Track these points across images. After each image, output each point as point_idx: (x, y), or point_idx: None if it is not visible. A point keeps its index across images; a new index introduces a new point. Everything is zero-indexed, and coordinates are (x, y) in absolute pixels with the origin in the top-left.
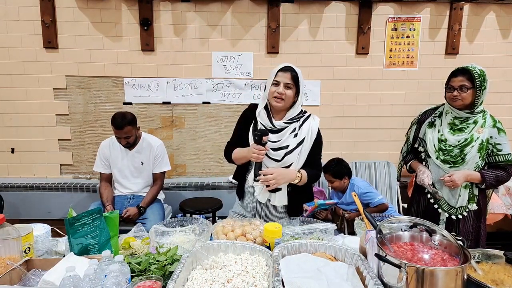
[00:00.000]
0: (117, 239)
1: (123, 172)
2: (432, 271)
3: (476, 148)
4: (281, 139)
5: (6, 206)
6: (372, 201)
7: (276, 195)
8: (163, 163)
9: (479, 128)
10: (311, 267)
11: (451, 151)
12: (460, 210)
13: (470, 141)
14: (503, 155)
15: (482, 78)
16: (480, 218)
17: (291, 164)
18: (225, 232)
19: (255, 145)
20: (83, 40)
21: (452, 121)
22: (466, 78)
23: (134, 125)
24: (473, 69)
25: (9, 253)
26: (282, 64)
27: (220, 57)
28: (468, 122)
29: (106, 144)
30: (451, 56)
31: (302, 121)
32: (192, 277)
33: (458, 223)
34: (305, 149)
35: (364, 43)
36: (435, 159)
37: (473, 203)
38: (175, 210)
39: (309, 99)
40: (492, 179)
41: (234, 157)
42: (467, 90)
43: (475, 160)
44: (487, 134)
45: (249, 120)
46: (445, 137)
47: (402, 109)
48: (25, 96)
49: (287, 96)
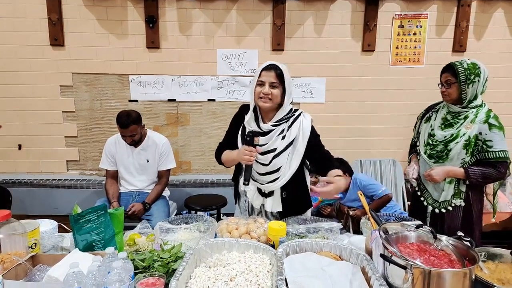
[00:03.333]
0: (121, 235)
1: (129, 169)
2: (439, 273)
3: (461, 144)
4: (268, 142)
5: (14, 202)
6: (376, 192)
7: (268, 200)
8: (168, 160)
9: (468, 124)
10: (315, 266)
11: (436, 146)
12: (444, 204)
13: (455, 137)
14: (493, 152)
15: (468, 72)
16: (470, 215)
17: (280, 168)
18: (230, 230)
19: (246, 146)
20: (89, 38)
21: (445, 115)
22: (450, 74)
23: (139, 123)
24: (459, 64)
25: (15, 249)
26: (266, 63)
27: (225, 54)
28: (459, 117)
29: (112, 142)
30: (458, 54)
31: (291, 122)
32: (195, 274)
33: (443, 217)
34: (299, 150)
35: (370, 40)
36: (423, 153)
37: (458, 198)
38: (180, 207)
39: (314, 96)
40: (478, 176)
41: (223, 159)
42: (451, 85)
43: (461, 157)
44: (475, 130)
45: (239, 123)
46: (434, 132)
47: (408, 106)
48: (32, 93)
49: (273, 95)
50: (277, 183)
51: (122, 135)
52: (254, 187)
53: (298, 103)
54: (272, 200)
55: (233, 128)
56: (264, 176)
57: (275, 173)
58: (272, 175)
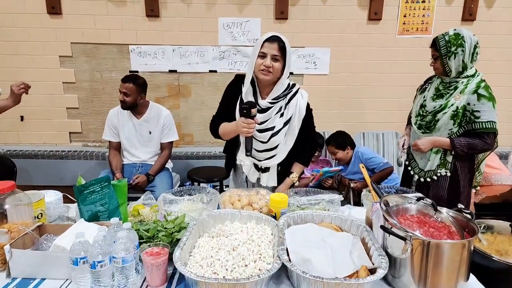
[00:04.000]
0: (125, 206)
1: (131, 141)
2: (437, 244)
3: (448, 115)
4: (267, 120)
5: (19, 173)
6: (377, 165)
7: (264, 175)
8: (171, 133)
9: (457, 95)
10: (316, 237)
11: (426, 117)
12: (429, 174)
13: (443, 108)
14: (480, 123)
15: (449, 44)
16: (457, 186)
17: (278, 145)
18: (232, 201)
19: (243, 118)
20: (87, 6)
21: (438, 86)
22: (434, 48)
23: (140, 88)
24: (442, 37)
25: (22, 219)
26: (268, 34)
27: (226, 23)
28: (450, 87)
29: (114, 113)
30: (467, 23)
31: (288, 99)
32: (198, 244)
33: (428, 186)
34: (293, 128)
35: (377, 8)
36: (413, 124)
37: (443, 168)
38: (183, 179)
39: (318, 67)
40: (463, 146)
41: (222, 132)
42: (437, 59)
43: (448, 127)
44: (464, 101)
45: (236, 94)
46: (426, 103)
47: (413, 78)
48: (31, 63)
49: (275, 69)
50: (274, 161)
51: (119, 91)
52: (250, 162)
53: (301, 74)
54: (268, 176)
55: (228, 99)
56: (262, 153)
57: (272, 151)
58: (270, 152)
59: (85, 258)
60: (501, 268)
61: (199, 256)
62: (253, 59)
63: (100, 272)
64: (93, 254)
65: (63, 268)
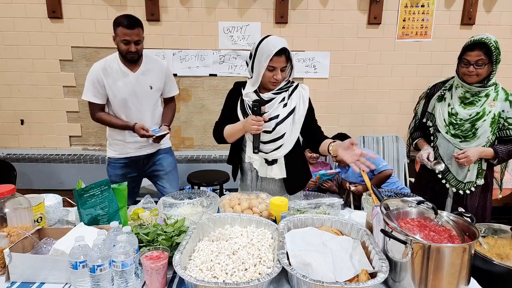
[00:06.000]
0: (125, 210)
1: (126, 102)
2: (438, 248)
3: (488, 122)
4: (270, 110)
5: (19, 177)
6: (377, 167)
7: (274, 167)
8: (174, 86)
9: (491, 102)
10: (316, 241)
11: (462, 125)
12: (468, 185)
13: (482, 115)
14: None
15: (498, 51)
16: (486, 193)
17: (284, 134)
18: (232, 205)
19: (253, 116)
20: (88, 10)
21: (463, 94)
22: (483, 53)
23: (143, 31)
24: (489, 41)
25: (21, 223)
26: (275, 47)
27: (227, 27)
28: (480, 95)
29: (100, 67)
30: (467, 27)
31: (291, 91)
32: (198, 248)
33: (466, 198)
34: (299, 117)
35: (377, 12)
36: (444, 133)
37: (481, 178)
38: (183, 182)
39: (318, 71)
40: (504, 154)
41: (227, 133)
42: (484, 65)
43: (487, 135)
44: (499, 108)
45: (236, 99)
46: (456, 111)
47: (413, 82)
48: (32, 67)
49: (283, 77)
50: (281, 151)
51: (124, 41)
52: (259, 157)
53: (301, 78)
54: (277, 167)
55: (230, 105)
56: (268, 144)
57: (279, 140)
58: (276, 143)
59: (85, 262)
60: (502, 272)
61: (199, 260)
62: (260, 70)
63: (99, 276)
64: (92, 258)
65: (63, 272)
